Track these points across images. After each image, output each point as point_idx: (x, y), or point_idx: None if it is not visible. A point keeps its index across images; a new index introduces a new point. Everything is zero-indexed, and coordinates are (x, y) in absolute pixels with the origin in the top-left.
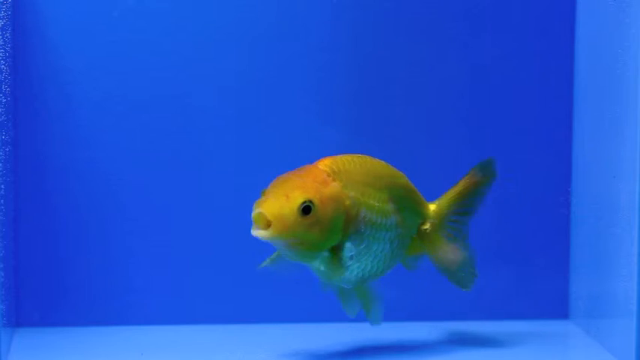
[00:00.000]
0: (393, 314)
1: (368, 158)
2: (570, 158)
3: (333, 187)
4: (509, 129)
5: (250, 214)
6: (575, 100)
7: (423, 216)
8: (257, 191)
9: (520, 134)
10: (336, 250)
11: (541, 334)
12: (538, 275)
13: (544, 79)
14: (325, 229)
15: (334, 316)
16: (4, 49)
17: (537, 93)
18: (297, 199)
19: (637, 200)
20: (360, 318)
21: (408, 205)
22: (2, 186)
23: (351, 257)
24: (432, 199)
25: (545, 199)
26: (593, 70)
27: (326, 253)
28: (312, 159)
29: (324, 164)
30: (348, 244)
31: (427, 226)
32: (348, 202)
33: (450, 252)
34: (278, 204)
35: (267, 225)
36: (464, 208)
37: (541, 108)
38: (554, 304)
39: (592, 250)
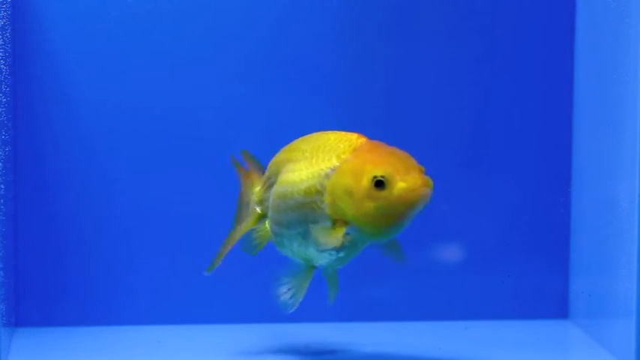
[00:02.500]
0: (393, 314)
1: None
2: (570, 158)
3: None
4: (509, 129)
5: None
6: (575, 100)
7: None
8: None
9: (520, 134)
10: None
11: (541, 334)
12: (538, 275)
13: (544, 79)
14: None
15: (334, 316)
16: (4, 49)
17: (537, 93)
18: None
19: (637, 200)
20: (360, 318)
21: None
22: (2, 186)
23: None
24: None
25: (545, 199)
26: (593, 70)
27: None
28: None
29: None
30: None
31: None
32: None
33: None
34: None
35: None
36: None
37: (541, 108)
38: (554, 304)
39: (592, 250)
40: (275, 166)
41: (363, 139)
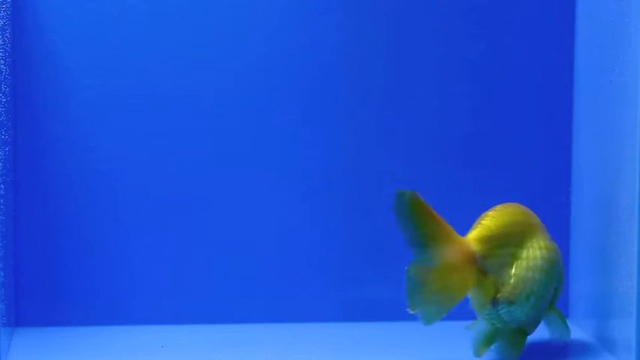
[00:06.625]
0: (393, 314)
1: None
2: (570, 158)
3: None
4: (509, 129)
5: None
6: (575, 100)
7: None
8: (255, 191)
9: (520, 134)
10: None
11: (541, 335)
12: None
13: (544, 79)
14: None
15: (334, 316)
16: (4, 49)
17: (537, 93)
18: None
19: (637, 200)
20: (360, 318)
21: None
22: (2, 186)
23: None
24: (431, 198)
25: (545, 199)
26: (593, 69)
27: None
28: (312, 159)
29: None
30: None
31: None
32: None
33: None
34: None
35: None
36: None
37: (541, 108)
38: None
39: (592, 250)
40: (507, 234)
41: None
